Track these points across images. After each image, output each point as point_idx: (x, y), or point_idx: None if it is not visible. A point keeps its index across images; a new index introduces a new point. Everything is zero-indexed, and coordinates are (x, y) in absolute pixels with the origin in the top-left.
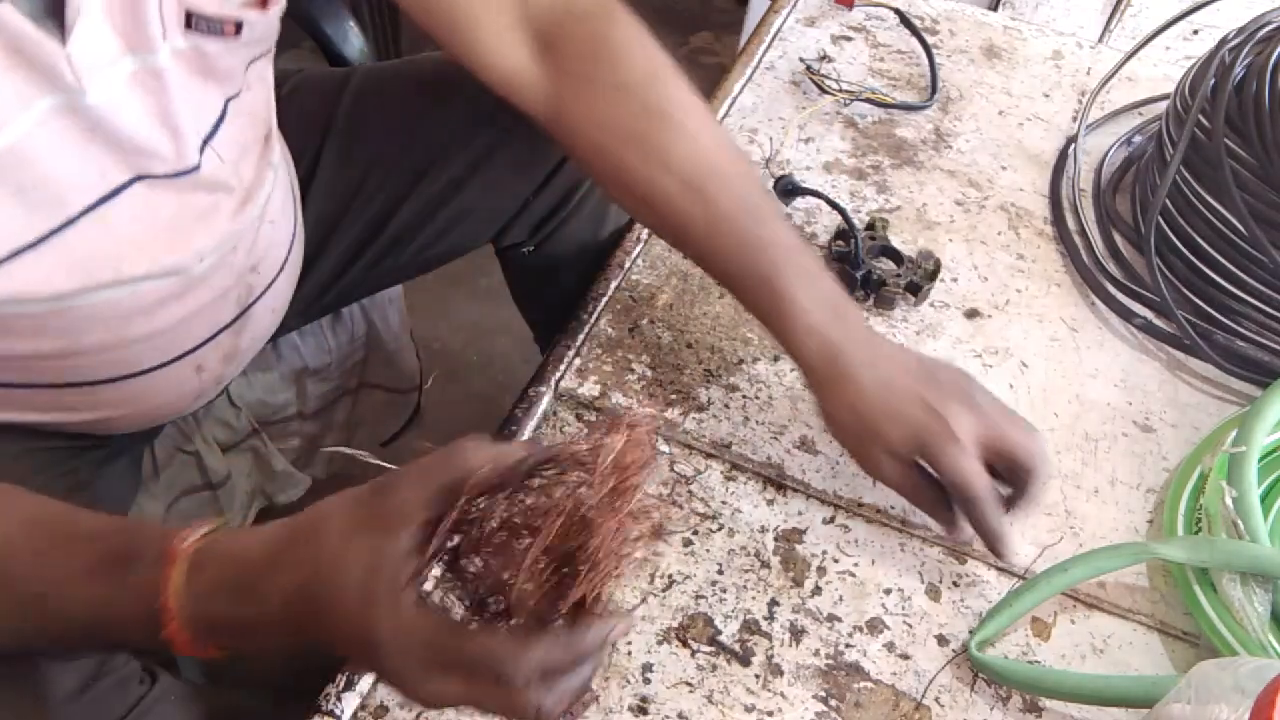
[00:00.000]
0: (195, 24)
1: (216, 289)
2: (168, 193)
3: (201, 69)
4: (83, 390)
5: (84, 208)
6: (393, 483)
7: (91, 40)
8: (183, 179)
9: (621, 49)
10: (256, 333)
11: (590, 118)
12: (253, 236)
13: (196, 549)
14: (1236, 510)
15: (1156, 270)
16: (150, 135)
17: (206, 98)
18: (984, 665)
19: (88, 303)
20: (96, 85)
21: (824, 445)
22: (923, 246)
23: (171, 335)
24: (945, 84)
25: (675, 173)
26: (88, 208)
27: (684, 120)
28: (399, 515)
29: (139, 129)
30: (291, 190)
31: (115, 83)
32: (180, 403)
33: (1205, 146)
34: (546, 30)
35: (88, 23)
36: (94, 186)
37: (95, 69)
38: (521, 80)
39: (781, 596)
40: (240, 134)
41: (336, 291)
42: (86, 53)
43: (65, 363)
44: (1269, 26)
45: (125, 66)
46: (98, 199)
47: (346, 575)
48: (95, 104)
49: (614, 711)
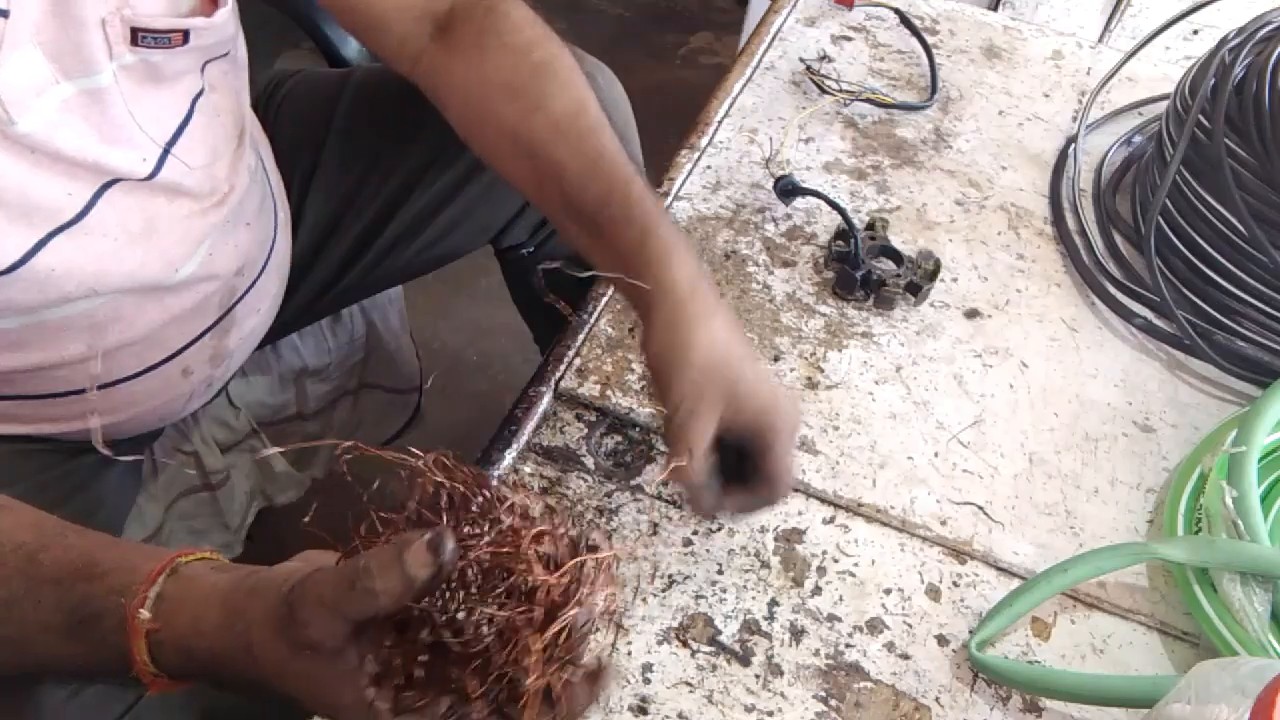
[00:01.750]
0: (141, 40)
1: (195, 293)
2: (138, 199)
3: (152, 77)
4: (68, 400)
5: (58, 225)
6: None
7: (19, 72)
8: (150, 184)
9: (508, 20)
10: (244, 334)
11: (474, 75)
12: (231, 239)
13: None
14: (1236, 510)
15: (1156, 270)
16: (97, 151)
17: (164, 103)
18: (984, 665)
19: (62, 315)
20: (27, 115)
21: (824, 445)
22: (923, 246)
23: (151, 341)
24: (945, 84)
25: (550, 115)
26: (62, 226)
27: (560, 73)
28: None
29: (81, 148)
30: (271, 191)
31: (48, 109)
32: (172, 406)
33: (1205, 146)
34: (445, 16)
35: (14, 56)
36: (63, 205)
37: (22, 100)
38: (421, 62)
39: (781, 596)
40: (209, 136)
41: (336, 292)
42: (12, 85)
43: (49, 374)
44: (1269, 26)
45: (60, 93)
46: (74, 215)
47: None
48: (28, 131)
49: (614, 711)
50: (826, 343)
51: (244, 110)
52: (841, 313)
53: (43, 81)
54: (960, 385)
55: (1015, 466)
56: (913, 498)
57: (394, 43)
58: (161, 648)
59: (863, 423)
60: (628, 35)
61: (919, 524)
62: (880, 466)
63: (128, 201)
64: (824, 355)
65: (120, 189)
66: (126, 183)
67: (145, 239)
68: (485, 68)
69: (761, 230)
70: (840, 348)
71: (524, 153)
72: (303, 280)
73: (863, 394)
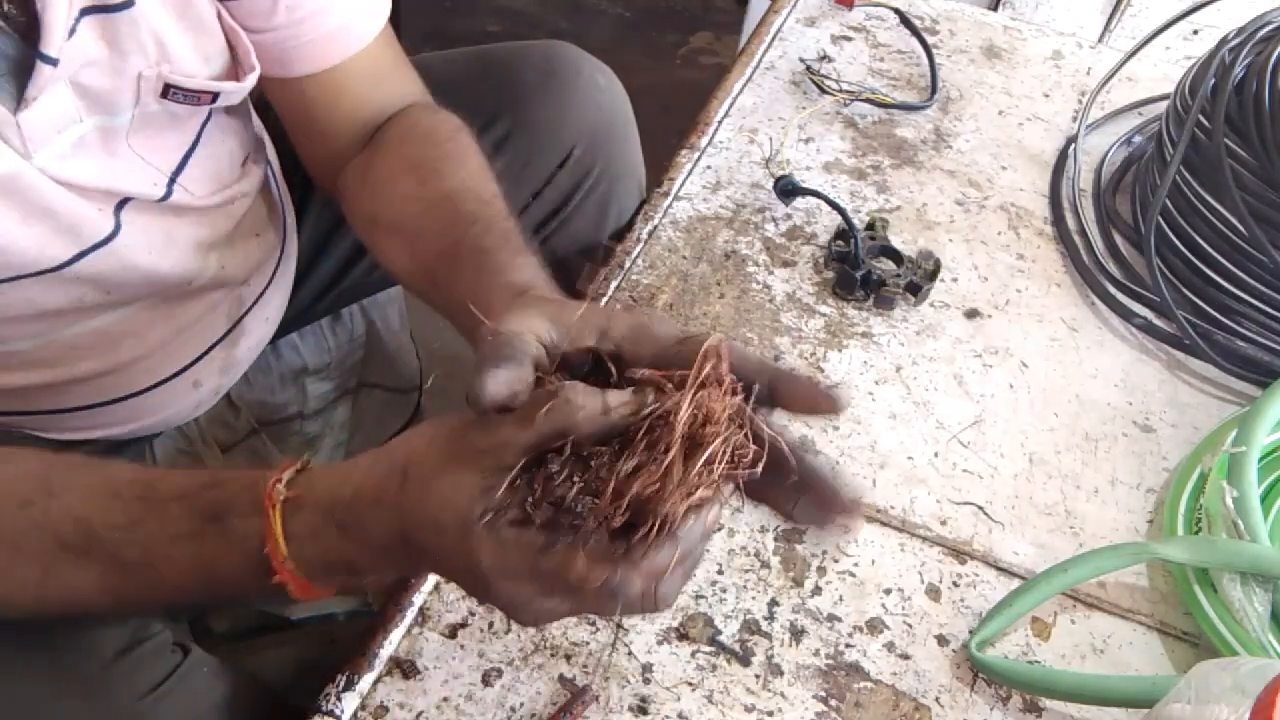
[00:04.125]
0: (171, 95)
1: (206, 304)
2: (154, 216)
3: (165, 124)
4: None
5: (97, 240)
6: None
7: (47, 109)
8: (161, 205)
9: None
10: (251, 342)
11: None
12: (241, 249)
13: (289, 494)
14: (1236, 510)
15: (1156, 270)
16: (109, 182)
17: (170, 138)
18: (984, 665)
19: (75, 332)
20: (44, 150)
21: (824, 445)
22: (923, 246)
23: (163, 355)
24: (945, 84)
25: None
26: (101, 241)
27: (467, 158)
28: (493, 456)
29: (93, 179)
30: (280, 200)
31: (63, 143)
32: (180, 415)
33: (1205, 146)
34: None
35: (49, 96)
36: (95, 221)
37: (42, 136)
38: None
39: (781, 596)
40: (213, 161)
41: (337, 292)
42: (37, 122)
43: (62, 391)
44: (1269, 26)
45: (79, 129)
46: (110, 233)
47: (440, 514)
48: (43, 165)
49: (614, 711)
50: (826, 343)
51: (251, 125)
52: (841, 313)
53: (67, 119)
54: (960, 385)
55: (1015, 466)
56: (913, 498)
57: (329, 152)
58: (299, 515)
59: (863, 423)
60: (628, 35)
61: (919, 524)
62: (880, 466)
63: (145, 218)
64: (824, 355)
65: (134, 207)
66: (140, 202)
67: (165, 252)
68: (400, 154)
69: (761, 230)
70: (840, 348)
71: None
72: (303, 280)
73: (863, 394)
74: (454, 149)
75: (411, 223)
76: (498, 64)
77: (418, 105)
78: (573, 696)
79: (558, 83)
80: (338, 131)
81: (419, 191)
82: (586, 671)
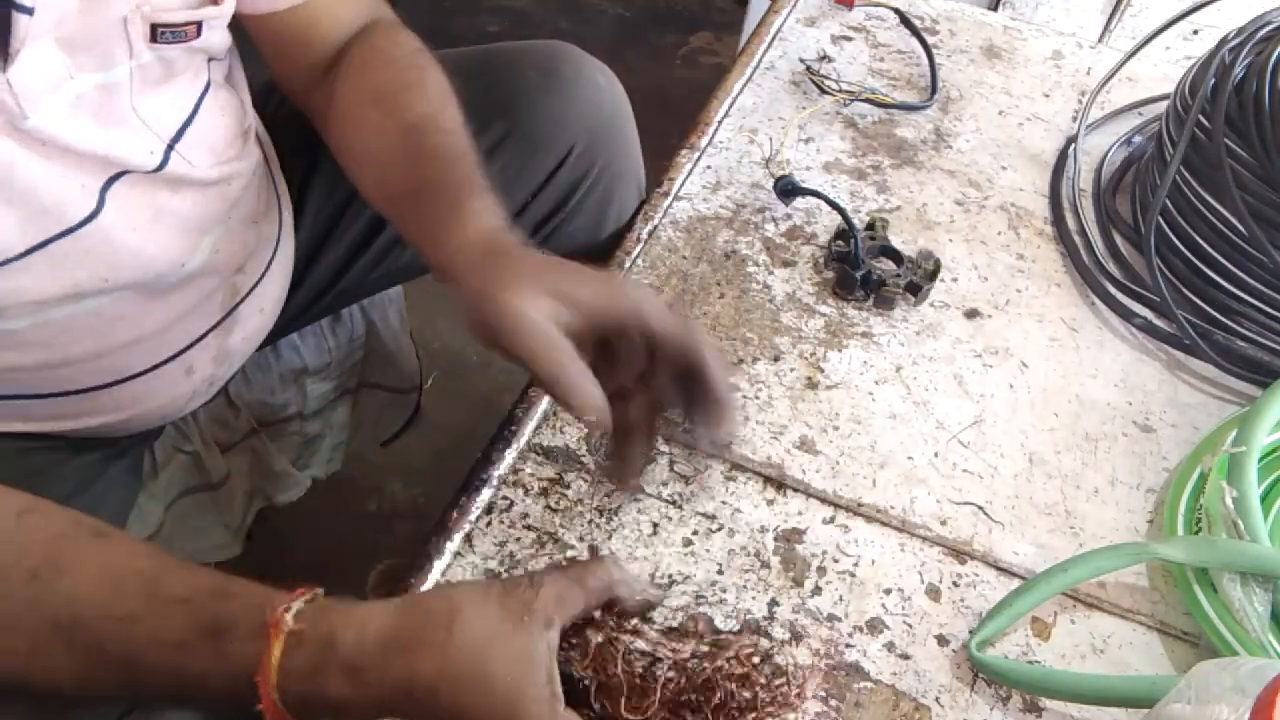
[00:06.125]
0: (160, 36)
1: (200, 290)
2: (145, 190)
3: (163, 76)
4: (74, 398)
5: (78, 220)
6: (535, 579)
7: (34, 67)
8: (156, 176)
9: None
10: (246, 334)
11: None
12: (238, 236)
13: (295, 627)
14: (1236, 510)
15: (1156, 270)
16: (106, 145)
17: (171, 100)
18: (984, 665)
19: (68, 313)
20: (40, 110)
21: (824, 445)
22: (923, 246)
23: (158, 339)
24: (945, 84)
25: (405, 120)
26: (82, 220)
27: (427, 88)
28: (544, 614)
29: (91, 142)
30: (277, 193)
31: (61, 104)
32: (175, 404)
33: (1205, 146)
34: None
35: (34, 50)
36: (77, 200)
37: (36, 95)
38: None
39: (781, 596)
40: (211, 133)
41: (336, 292)
42: (27, 80)
43: (55, 373)
44: (1269, 26)
45: (75, 87)
46: (89, 213)
47: (494, 671)
48: (39, 125)
49: None
50: (826, 343)
51: (247, 107)
52: (841, 313)
53: (58, 77)
54: (960, 385)
55: (1015, 466)
56: (913, 498)
57: (301, 70)
58: (299, 650)
59: (863, 423)
60: (628, 35)
61: (919, 524)
62: (880, 466)
63: (135, 193)
64: (824, 355)
65: (128, 181)
66: (134, 175)
67: (152, 230)
68: (363, 82)
69: (761, 230)
70: (840, 348)
71: (374, 159)
72: (303, 280)
73: (863, 394)
74: (416, 76)
75: (379, 156)
76: (498, 64)
77: (379, 24)
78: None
79: (558, 82)
80: (312, 60)
81: (384, 124)
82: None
